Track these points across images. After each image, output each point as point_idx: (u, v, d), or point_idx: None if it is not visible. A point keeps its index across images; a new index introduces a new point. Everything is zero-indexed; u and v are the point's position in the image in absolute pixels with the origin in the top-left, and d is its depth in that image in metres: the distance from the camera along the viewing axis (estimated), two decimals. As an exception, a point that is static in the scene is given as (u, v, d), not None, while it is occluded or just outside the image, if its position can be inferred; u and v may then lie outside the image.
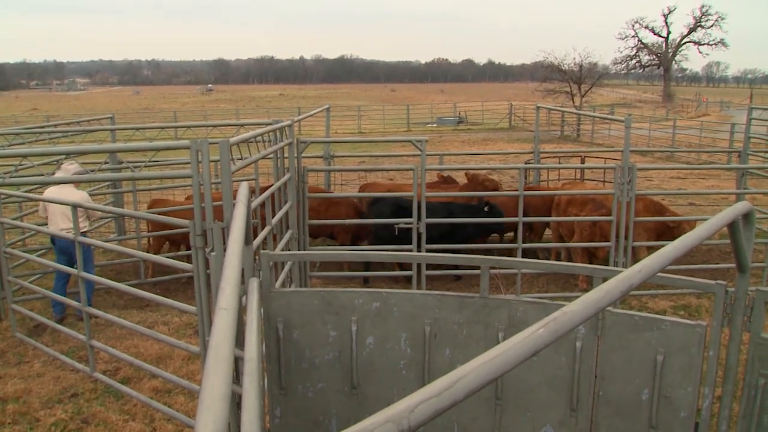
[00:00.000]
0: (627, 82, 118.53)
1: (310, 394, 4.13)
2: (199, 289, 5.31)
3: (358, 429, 1.17)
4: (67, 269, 7.79)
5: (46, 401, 6.57)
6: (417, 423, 1.24)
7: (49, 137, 11.21)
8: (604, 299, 1.82)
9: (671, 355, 3.59)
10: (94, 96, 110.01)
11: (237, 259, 2.46)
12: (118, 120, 14.24)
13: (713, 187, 18.07)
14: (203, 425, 1.25)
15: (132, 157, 11.52)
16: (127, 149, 7.59)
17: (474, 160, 18.96)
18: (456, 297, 3.97)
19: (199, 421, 1.27)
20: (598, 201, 9.98)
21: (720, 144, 27.49)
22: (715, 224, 2.68)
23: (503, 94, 75.15)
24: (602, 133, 34.87)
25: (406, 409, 1.24)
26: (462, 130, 42.43)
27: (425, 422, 1.27)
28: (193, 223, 5.16)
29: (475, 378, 1.38)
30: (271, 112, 49.04)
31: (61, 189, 8.43)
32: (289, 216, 8.31)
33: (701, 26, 74.67)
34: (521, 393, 3.92)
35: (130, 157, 11.47)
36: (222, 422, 1.27)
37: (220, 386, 1.40)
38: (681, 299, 9.35)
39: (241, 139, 5.69)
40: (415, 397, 1.27)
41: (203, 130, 14.51)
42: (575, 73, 52.88)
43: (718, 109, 55.97)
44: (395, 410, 1.23)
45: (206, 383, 1.41)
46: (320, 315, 4.01)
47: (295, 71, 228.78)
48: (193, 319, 8.27)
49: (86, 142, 12.27)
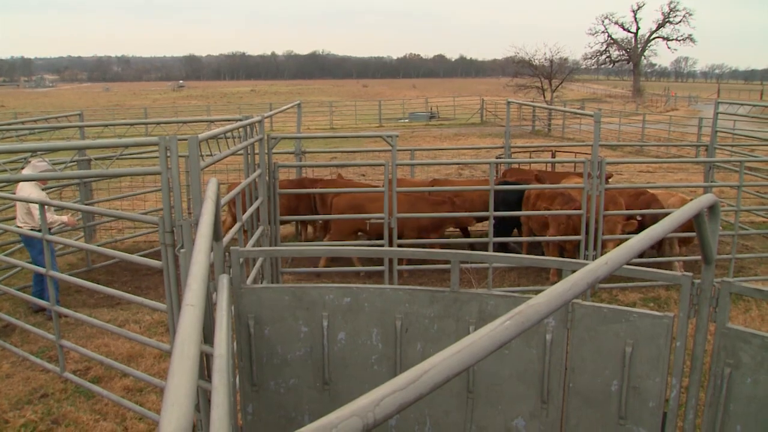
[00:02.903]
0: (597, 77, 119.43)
1: (282, 390, 4.12)
2: (169, 287, 5.26)
3: (323, 423, 1.17)
4: (34, 267, 7.72)
5: (16, 402, 6.49)
6: (383, 417, 1.24)
7: (17, 134, 11.04)
8: (570, 291, 1.83)
9: (639, 346, 3.64)
10: (63, 93, 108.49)
11: (204, 256, 2.44)
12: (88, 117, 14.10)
13: (682, 180, 18.27)
14: (167, 422, 1.24)
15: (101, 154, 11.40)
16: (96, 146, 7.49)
17: (445, 155, 18.98)
18: (426, 291, 3.98)
19: (164, 419, 1.26)
20: (567, 194, 10.04)
21: (688, 138, 27.84)
22: (680, 216, 2.71)
23: (475, 90, 75.35)
24: (573, 128, 35.11)
25: (371, 402, 1.24)
26: (434, 125, 42.48)
27: (391, 416, 1.27)
28: (161, 219, 5.12)
29: (440, 371, 1.38)
30: (242, 108, 48.69)
31: (23, 187, 8.35)
32: (260, 212, 8.28)
33: (669, 22, 75.56)
34: (492, 386, 3.94)
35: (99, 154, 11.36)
36: (186, 419, 1.26)
37: (185, 384, 1.39)
38: (651, 292, 9.45)
39: (211, 135, 5.65)
40: (380, 391, 1.27)
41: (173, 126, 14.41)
42: (546, 69, 53.24)
43: (686, 104, 56.63)
44: (360, 404, 1.23)
45: (171, 381, 1.40)
46: (291, 311, 4.00)
47: (266, 67, 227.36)
48: (164, 317, 8.20)
49: (54, 139, 12.11)
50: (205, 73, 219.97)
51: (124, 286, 9.77)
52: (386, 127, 41.17)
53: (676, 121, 33.57)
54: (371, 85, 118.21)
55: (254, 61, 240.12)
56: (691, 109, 49.83)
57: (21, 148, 7.99)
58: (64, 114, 13.21)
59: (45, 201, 7.04)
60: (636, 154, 25.86)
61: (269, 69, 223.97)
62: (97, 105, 62.14)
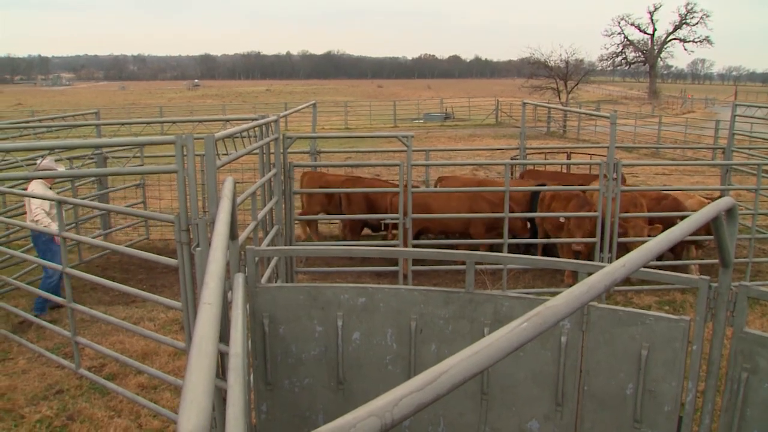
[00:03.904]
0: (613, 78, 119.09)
1: (297, 389, 4.13)
2: (184, 285, 5.29)
3: (340, 424, 1.17)
4: (51, 265, 7.78)
5: (31, 398, 6.54)
6: (400, 417, 1.24)
7: (34, 132, 11.12)
8: (588, 294, 1.82)
9: (655, 349, 3.61)
10: (80, 91, 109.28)
11: (222, 254, 2.45)
12: (104, 115, 14.18)
13: (698, 183, 18.16)
14: (186, 420, 1.24)
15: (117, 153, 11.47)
16: (112, 144, 7.56)
17: (460, 156, 18.97)
18: (442, 292, 3.97)
19: (182, 416, 1.26)
20: (582, 197, 10.00)
21: (705, 140, 27.65)
22: (698, 219, 2.70)
23: (490, 90, 75.21)
24: (588, 130, 34.99)
25: (389, 403, 1.24)
26: (449, 126, 42.45)
27: (408, 416, 1.27)
28: (177, 218, 5.15)
29: (458, 372, 1.38)
30: (257, 108, 48.84)
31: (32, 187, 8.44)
32: (274, 211, 8.29)
33: (686, 23, 75.07)
34: (507, 388, 3.93)
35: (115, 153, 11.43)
36: (205, 417, 1.27)
37: (203, 381, 1.40)
38: (666, 295, 9.40)
39: (227, 134, 5.68)
40: (399, 391, 1.27)
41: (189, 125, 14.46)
42: (561, 70, 53.15)
43: (703, 106, 56.29)
44: (378, 404, 1.23)
45: (189, 378, 1.41)
46: (306, 310, 4.01)
47: (281, 67, 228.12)
48: (179, 315, 8.24)
49: (71, 137, 12.20)
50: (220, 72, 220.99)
51: (139, 283, 9.82)
52: (401, 127, 41.18)
53: (693, 124, 33.35)
54: (386, 85, 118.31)
55: (269, 60, 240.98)
56: (707, 112, 49.51)
57: (38, 145, 8.07)
58: (81, 112, 13.30)
59: (62, 199, 7.09)
60: (652, 157, 25.71)
61: (284, 68, 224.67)
62: (113, 103, 62.52)
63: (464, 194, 10.44)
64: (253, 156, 7.82)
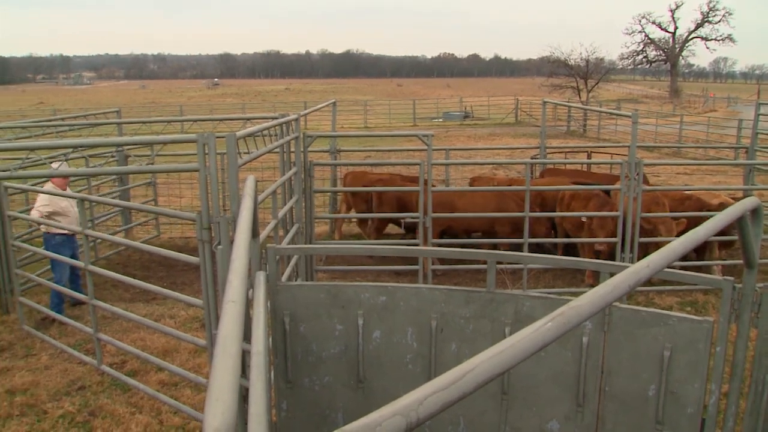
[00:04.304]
0: (633, 77, 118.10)
1: (317, 387, 4.14)
2: (205, 283, 5.32)
3: (366, 422, 1.17)
4: (73, 262, 7.86)
5: (54, 393, 6.61)
6: (426, 416, 1.24)
7: (56, 131, 11.23)
8: (612, 294, 1.81)
9: (678, 350, 3.58)
10: (101, 90, 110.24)
11: (245, 252, 2.46)
12: (125, 114, 14.27)
13: (720, 183, 17.98)
14: (212, 417, 1.25)
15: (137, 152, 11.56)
16: (134, 143, 7.61)
17: (480, 155, 18.91)
18: (463, 291, 3.96)
19: (208, 413, 1.27)
20: (603, 196, 9.94)
21: (727, 140, 27.37)
22: (722, 220, 2.67)
23: (509, 89, 74.91)
24: (609, 129, 34.75)
25: (414, 401, 1.24)
26: (468, 125, 42.37)
27: (433, 415, 1.26)
28: (199, 216, 5.18)
29: (483, 371, 1.38)
30: (277, 107, 49.00)
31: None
32: (294, 210, 8.32)
33: (709, 21, 74.26)
34: (528, 388, 3.92)
35: (135, 152, 11.52)
36: (231, 414, 1.27)
37: (229, 378, 1.40)
38: (688, 296, 9.32)
39: (248, 132, 5.70)
40: (424, 390, 1.27)
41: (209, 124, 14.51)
42: (582, 69, 52.85)
43: (725, 105, 55.72)
44: (403, 403, 1.23)
45: (214, 375, 1.41)
46: (327, 309, 4.01)
47: (301, 66, 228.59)
48: (199, 313, 8.28)
49: (93, 136, 12.30)
50: (239, 71, 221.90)
51: (160, 281, 9.88)
52: (420, 126, 41.16)
53: (715, 123, 33.00)
54: (405, 84, 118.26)
55: (289, 59, 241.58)
56: (730, 111, 48.99)
57: (61, 143, 8.14)
58: (102, 111, 13.42)
59: (84, 197, 7.16)
60: (673, 156, 25.49)
61: (303, 67, 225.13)
62: (134, 102, 62.97)
63: (491, 194, 10.39)
64: (272, 154, 7.85)
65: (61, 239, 8.43)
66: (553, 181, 11.27)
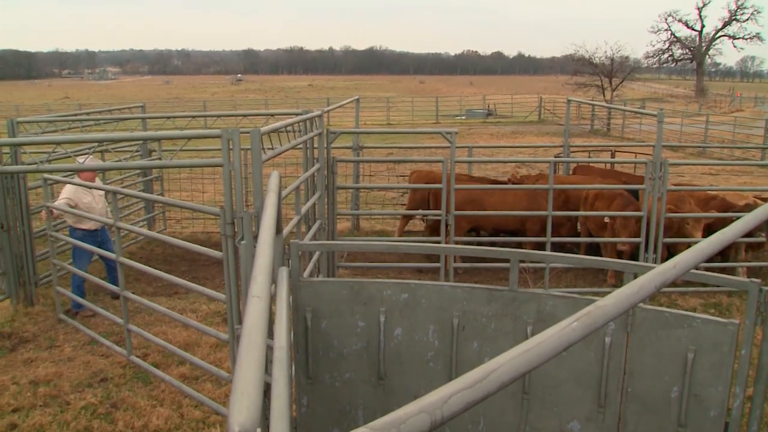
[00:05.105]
0: (659, 76, 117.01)
1: (337, 383, 4.15)
2: (228, 278, 5.35)
3: (391, 419, 1.17)
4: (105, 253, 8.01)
5: (76, 385, 6.68)
6: (450, 414, 1.24)
7: (81, 125, 11.33)
8: (638, 294, 1.79)
9: (702, 353, 3.55)
10: (125, 85, 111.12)
11: (269, 248, 2.47)
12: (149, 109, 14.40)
13: (746, 184, 17.80)
14: (237, 411, 1.26)
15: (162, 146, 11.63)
16: (159, 137, 7.68)
17: (503, 153, 18.87)
18: (485, 290, 3.95)
19: (233, 407, 1.28)
20: (626, 196, 9.86)
21: (754, 140, 27.10)
22: (751, 221, 2.64)
23: (533, 87, 74.56)
24: (633, 128, 34.48)
25: (439, 400, 1.24)
26: (491, 122, 42.23)
27: (458, 413, 1.26)
28: (223, 211, 5.20)
29: (507, 370, 1.38)
30: (300, 103, 49.18)
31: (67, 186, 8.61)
32: (317, 206, 8.34)
33: (736, 20, 73.41)
34: (549, 388, 3.90)
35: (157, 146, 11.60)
36: (255, 409, 1.28)
37: (254, 373, 1.41)
38: (711, 297, 9.23)
39: (272, 128, 5.72)
40: (448, 388, 1.27)
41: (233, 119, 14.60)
42: (606, 67, 52.55)
43: (752, 105, 55.09)
44: (428, 401, 1.23)
45: (239, 369, 1.42)
46: (349, 305, 4.02)
47: (324, 62, 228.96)
48: (221, 308, 8.34)
49: (118, 131, 12.41)
50: (262, 67, 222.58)
51: (182, 275, 9.89)
52: (443, 123, 41.08)
53: (741, 123, 32.63)
54: (428, 81, 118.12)
55: (312, 55, 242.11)
56: (757, 110, 48.43)
57: (87, 138, 8.22)
58: (127, 106, 13.51)
59: (116, 189, 7.26)
60: (698, 156, 25.25)
61: (326, 64, 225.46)
62: (158, 97, 63.46)
63: (523, 192, 10.33)
64: (295, 150, 7.87)
65: (81, 234, 8.52)
66: (580, 180, 11.21)
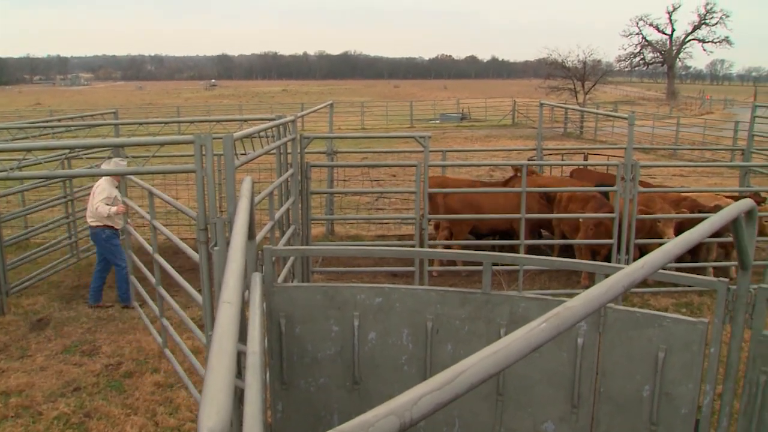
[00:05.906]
0: (631, 79, 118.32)
1: (312, 389, 4.14)
2: (203, 283, 5.33)
3: (360, 422, 1.18)
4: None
5: (49, 395, 6.60)
6: (419, 416, 1.25)
7: (53, 132, 11.21)
8: (606, 295, 1.82)
9: (672, 352, 3.60)
10: (98, 91, 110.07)
11: (241, 254, 2.46)
12: (122, 115, 14.28)
13: (716, 185, 18.01)
14: (206, 416, 1.26)
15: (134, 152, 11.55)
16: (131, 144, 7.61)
17: (477, 156, 18.93)
18: (458, 293, 3.97)
19: (203, 414, 1.28)
20: (600, 198, 9.95)
21: (723, 142, 27.45)
22: (717, 221, 2.68)
23: (506, 91, 74.90)
24: (605, 131, 34.80)
25: (408, 401, 1.24)
26: (465, 126, 42.37)
27: (427, 415, 1.27)
28: (196, 217, 5.18)
29: (476, 372, 1.39)
30: (274, 108, 48.93)
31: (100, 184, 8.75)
32: (291, 211, 8.32)
33: (706, 24, 74.40)
34: (522, 389, 3.93)
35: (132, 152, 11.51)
36: (225, 414, 1.28)
37: (223, 379, 1.41)
38: (683, 297, 9.34)
39: (245, 134, 5.71)
40: (418, 390, 1.28)
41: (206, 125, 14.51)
42: (579, 70, 53.05)
43: (721, 107, 55.82)
44: (397, 403, 1.23)
45: (209, 375, 1.42)
46: (322, 310, 4.02)
47: (298, 67, 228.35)
48: (196, 314, 8.28)
49: (90, 137, 12.28)
50: (237, 72, 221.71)
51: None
52: (417, 127, 41.16)
53: (711, 125, 33.08)
54: (402, 85, 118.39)
55: (286, 60, 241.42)
56: (726, 113, 49.06)
57: (58, 144, 8.14)
58: (99, 112, 13.39)
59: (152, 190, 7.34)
60: (669, 158, 25.52)
61: (301, 69, 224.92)
62: (131, 103, 62.92)
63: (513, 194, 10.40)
64: (269, 156, 7.85)
65: (111, 232, 8.73)
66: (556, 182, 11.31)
